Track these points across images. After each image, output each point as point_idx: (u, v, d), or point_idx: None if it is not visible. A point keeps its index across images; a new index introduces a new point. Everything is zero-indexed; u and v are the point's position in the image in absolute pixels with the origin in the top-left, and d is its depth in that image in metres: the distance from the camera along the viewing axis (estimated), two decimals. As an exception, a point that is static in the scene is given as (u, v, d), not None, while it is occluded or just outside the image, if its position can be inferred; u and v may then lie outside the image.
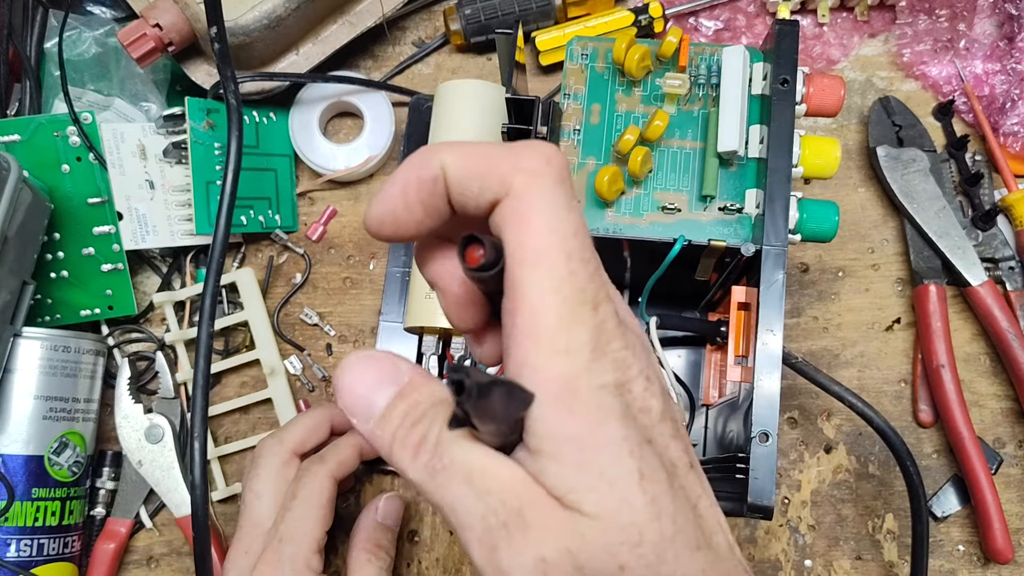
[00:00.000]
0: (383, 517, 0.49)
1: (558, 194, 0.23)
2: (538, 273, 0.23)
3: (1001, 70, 0.57)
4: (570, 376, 0.22)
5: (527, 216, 0.23)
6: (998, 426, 0.55)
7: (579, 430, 0.22)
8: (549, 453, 0.22)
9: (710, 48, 0.49)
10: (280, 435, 0.48)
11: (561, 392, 0.22)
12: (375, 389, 0.24)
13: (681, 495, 0.24)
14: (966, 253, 0.55)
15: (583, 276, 0.23)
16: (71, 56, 0.56)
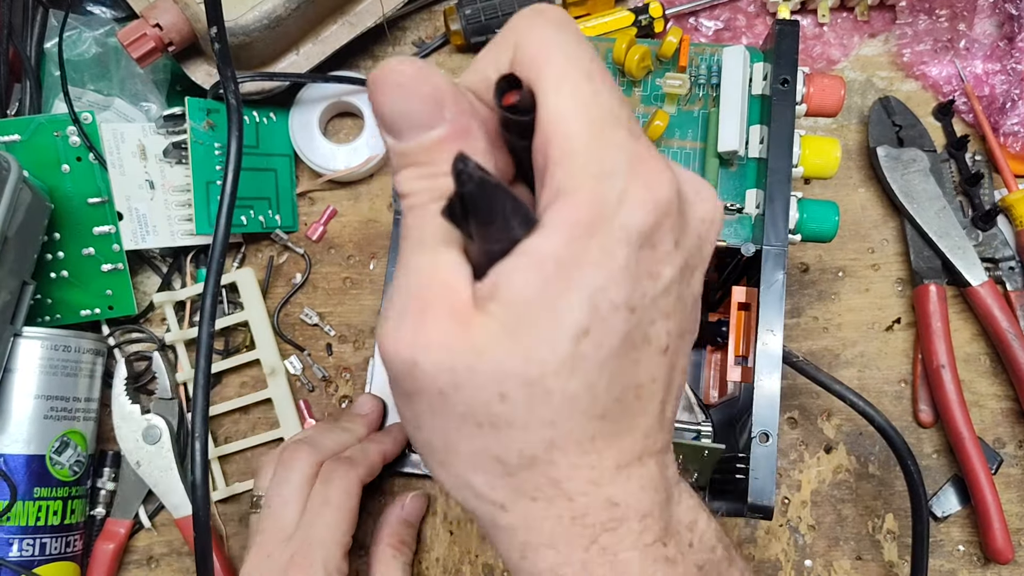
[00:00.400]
0: (408, 514, 0.51)
1: (562, 31, 0.23)
2: (562, 97, 0.22)
3: (1001, 70, 0.57)
4: (593, 204, 0.21)
5: (538, 52, 0.23)
6: (998, 426, 0.55)
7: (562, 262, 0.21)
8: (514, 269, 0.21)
9: (710, 48, 0.49)
10: (314, 443, 0.48)
11: (585, 222, 0.21)
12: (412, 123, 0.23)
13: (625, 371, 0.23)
14: (966, 253, 0.55)
15: (610, 97, 0.22)
16: (71, 56, 0.56)
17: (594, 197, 0.21)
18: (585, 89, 0.22)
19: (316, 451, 0.47)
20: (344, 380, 0.57)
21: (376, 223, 0.58)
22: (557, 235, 0.21)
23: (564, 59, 0.22)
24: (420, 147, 0.23)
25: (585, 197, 0.21)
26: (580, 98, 0.22)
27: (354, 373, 0.57)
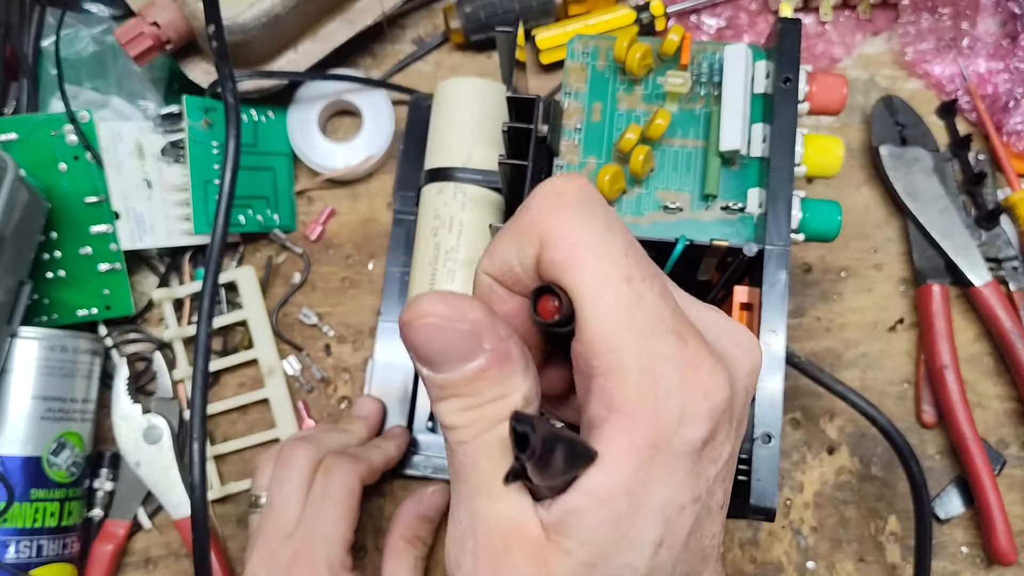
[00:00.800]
0: (426, 509, 0.50)
1: (587, 218, 0.22)
2: (603, 307, 0.21)
3: (1005, 69, 0.57)
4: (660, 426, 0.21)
5: (570, 256, 0.22)
6: (1002, 427, 0.55)
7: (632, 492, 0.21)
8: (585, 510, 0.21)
9: (712, 46, 0.48)
10: (313, 441, 0.47)
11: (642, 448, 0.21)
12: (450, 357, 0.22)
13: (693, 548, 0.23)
14: (969, 253, 0.54)
15: (652, 298, 0.22)
16: (68, 54, 0.56)
17: (653, 420, 0.21)
18: (626, 294, 0.21)
19: (316, 448, 0.47)
20: (343, 381, 0.56)
21: (375, 223, 0.58)
22: (622, 468, 0.21)
23: (598, 259, 0.21)
24: (461, 379, 0.22)
25: (643, 420, 0.21)
26: (622, 306, 0.21)
27: (353, 374, 0.56)
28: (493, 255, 0.24)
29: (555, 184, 0.23)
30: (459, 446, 0.22)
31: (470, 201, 0.49)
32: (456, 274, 0.49)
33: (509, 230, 0.23)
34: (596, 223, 0.22)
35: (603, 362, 0.21)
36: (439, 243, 0.49)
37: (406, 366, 0.54)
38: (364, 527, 0.54)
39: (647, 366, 0.21)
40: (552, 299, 0.22)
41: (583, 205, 0.22)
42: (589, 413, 0.22)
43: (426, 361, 0.22)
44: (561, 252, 0.22)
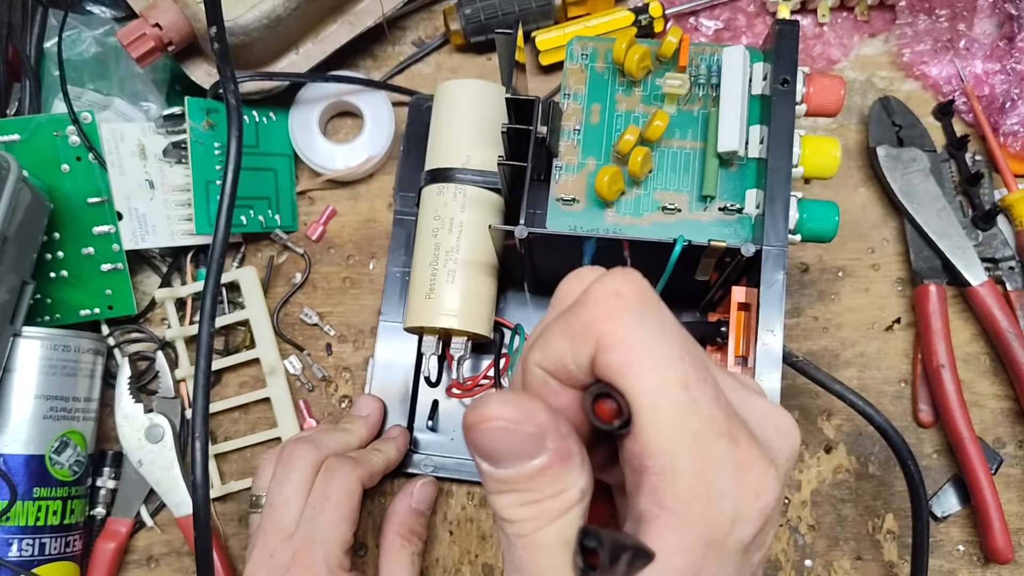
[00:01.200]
0: (417, 503, 0.50)
1: (644, 322, 0.22)
2: (660, 415, 0.21)
3: (1001, 70, 0.57)
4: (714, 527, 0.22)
5: (625, 361, 0.22)
6: (998, 426, 0.55)
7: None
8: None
9: (710, 48, 0.49)
10: (314, 441, 0.47)
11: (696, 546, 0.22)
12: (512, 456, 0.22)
13: None
14: (966, 253, 0.55)
15: (707, 402, 0.22)
16: (71, 56, 0.56)
17: (706, 521, 0.22)
18: (682, 400, 0.22)
19: (317, 449, 0.47)
20: (344, 380, 0.57)
21: (376, 223, 0.58)
22: (676, 567, 0.22)
23: (656, 365, 0.22)
24: (522, 476, 0.22)
25: (697, 521, 0.22)
26: (679, 413, 0.22)
27: (354, 373, 0.57)
28: (546, 350, 0.24)
29: (613, 284, 0.23)
30: (517, 539, 0.23)
31: (470, 202, 0.50)
32: (456, 275, 0.49)
33: (563, 328, 0.23)
34: (653, 326, 0.22)
35: (657, 464, 0.22)
36: (439, 243, 0.49)
37: (406, 366, 0.55)
38: (365, 526, 0.55)
39: (700, 470, 0.22)
40: (609, 401, 0.22)
41: (641, 307, 0.22)
42: (640, 506, 0.22)
43: (487, 458, 0.22)
44: (619, 357, 0.22)
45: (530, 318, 0.55)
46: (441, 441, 0.55)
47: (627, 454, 0.23)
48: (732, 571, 0.22)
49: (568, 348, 0.23)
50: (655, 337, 0.22)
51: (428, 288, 0.49)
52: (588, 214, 0.48)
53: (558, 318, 0.24)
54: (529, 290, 0.55)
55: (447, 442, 0.55)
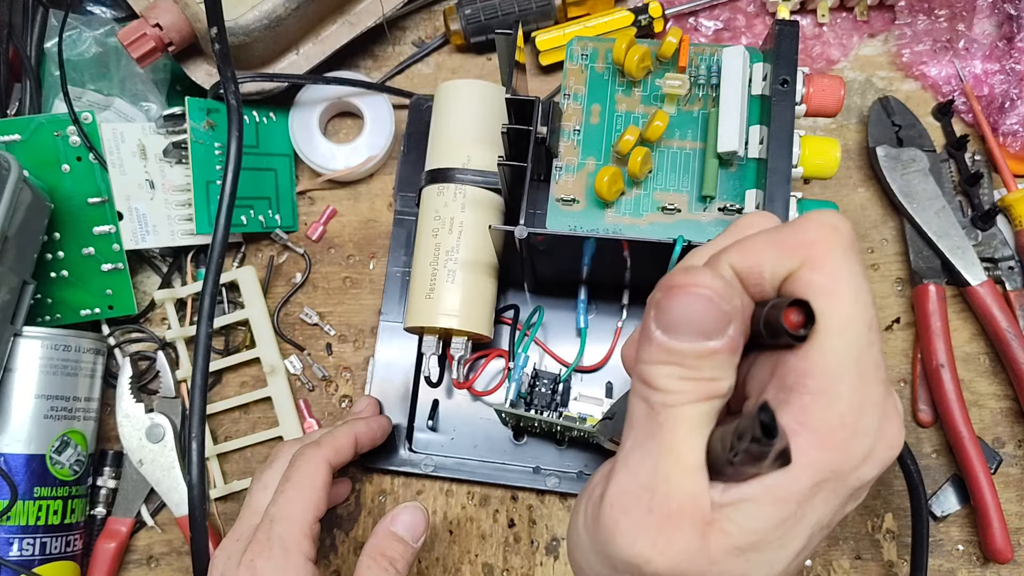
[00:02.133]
0: (398, 526, 0.46)
1: (854, 261, 0.24)
2: (843, 342, 0.23)
3: (1000, 70, 0.57)
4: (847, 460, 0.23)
5: (831, 285, 0.23)
6: (997, 426, 0.56)
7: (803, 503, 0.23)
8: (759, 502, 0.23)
9: (710, 48, 0.49)
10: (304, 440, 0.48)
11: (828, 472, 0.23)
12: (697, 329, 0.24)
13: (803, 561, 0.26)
14: (965, 253, 0.55)
15: (878, 349, 0.24)
16: (71, 56, 0.56)
17: (845, 451, 0.23)
18: (864, 337, 0.23)
19: (302, 443, 0.47)
20: (344, 380, 0.57)
21: (376, 223, 0.59)
22: (804, 480, 0.23)
23: (854, 298, 0.23)
24: (694, 351, 0.23)
25: (836, 448, 0.23)
26: (858, 346, 0.23)
27: (354, 373, 0.57)
28: (746, 253, 0.25)
29: (833, 219, 0.24)
30: (664, 408, 0.24)
31: (470, 202, 0.50)
32: (456, 275, 0.49)
33: (772, 240, 0.25)
34: (859, 266, 0.24)
35: (818, 384, 0.23)
36: (439, 243, 0.50)
37: (407, 365, 0.55)
38: (365, 525, 0.55)
39: (858, 404, 0.23)
40: (797, 313, 0.23)
41: (853, 248, 0.24)
42: (780, 421, 0.23)
43: (671, 326, 0.24)
44: (825, 279, 0.23)
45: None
46: (441, 441, 0.55)
47: (785, 369, 0.24)
48: (838, 505, 0.24)
49: (772, 257, 0.24)
50: (859, 275, 0.24)
51: (428, 288, 0.49)
52: (588, 214, 0.48)
53: (765, 233, 0.25)
54: (529, 290, 0.56)
55: (447, 442, 0.55)
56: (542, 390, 0.53)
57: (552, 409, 0.52)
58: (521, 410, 0.50)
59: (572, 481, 0.53)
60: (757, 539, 0.23)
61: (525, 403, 0.52)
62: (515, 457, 0.54)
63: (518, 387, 0.51)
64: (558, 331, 0.55)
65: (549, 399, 0.52)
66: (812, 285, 0.23)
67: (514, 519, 0.55)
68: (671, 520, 0.23)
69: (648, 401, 0.24)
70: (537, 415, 0.50)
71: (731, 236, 0.27)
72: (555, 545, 0.54)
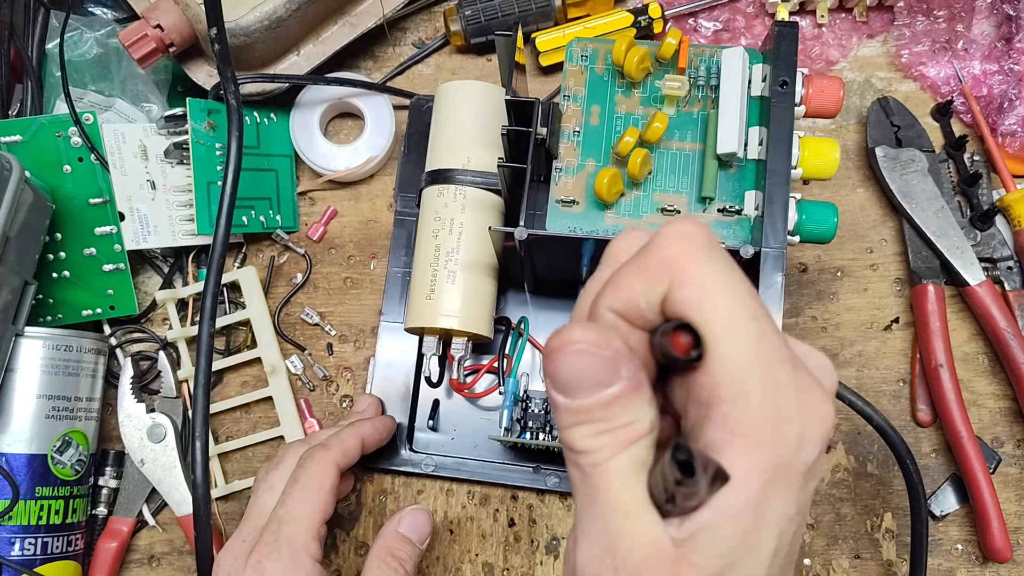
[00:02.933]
0: (404, 528, 0.48)
1: (715, 260, 0.24)
2: (731, 343, 0.23)
3: (999, 71, 0.57)
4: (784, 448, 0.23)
5: (698, 295, 0.23)
6: (996, 425, 0.56)
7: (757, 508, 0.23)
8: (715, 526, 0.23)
9: (709, 49, 0.49)
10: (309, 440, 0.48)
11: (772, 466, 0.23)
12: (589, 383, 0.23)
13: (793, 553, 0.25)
14: (964, 253, 0.55)
15: (772, 332, 0.24)
16: (72, 57, 0.56)
17: (776, 444, 0.23)
18: (752, 330, 0.23)
19: (307, 444, 0.47)
20: (345, 379, 0.57)
21: (376, 223, 0.59)
22: (749, 487, 0.23)
23: (728, 298, 0.23)
24: (597, 404, 0.23)
25: (767, 443, 0.23)
26: (750, 341, 0.23)
27: (355, 372, 0.57)
28: (618, 292, 0.25)
29: (681, 226, 0.24)
30: (592, 468, 0.24)
31: (470, 203, 0.50)
32: (456, 275, 0.49)
33: (636, 269, 0.25)
34: (722, 264, 0.24)
35: (729, 391, 0.23)
36: (440, 244, 0.50)
37: (407, 365, 0.55)
38: (365, 525, 0.55)
39: (770, 394, 0.23)
40: (684, 335, 0.23)
41: (710, 248, 0.24)
42: (708, 437, 0.23)
43: (566, 387, 0.24)
44: (693, 291, 0.23)
45: (530, 318, 0.55)
46: (442, 440, 0.55)
47: (696, 387, 0.24)
48: (795, 495, 0.24)
49: (641, 287, 0.24)
50: (725, 273, 0.24)
51: (429, 289, 0.49)
52: (588, 215, 0.48)
53: (629, 262, 0.25)
54: (529, 291, 0.56)
55: (448, 441, 0.55)
56: (535, 411, 0.53)
57: (547, 431, 0.52)
58: (515, 436, 0.51)
59: (572, 481, 0.53)
60: (728, 560, 0.23)
61: (520, 426, 0.52)
62: (515, 457, 0.54)
63: (511, 414, 0.51)
64: (558, 331, 0.55)
65: (543, 420, 0.53)
66: (684, 301, 0.23)
67: (514, 518, 0.55)
68: (640, 573, 0.23)
69: (578, 465, 0.24)
70: (532, 439, 0.50)
71: (606, 268, 0.27)
72: (555, 544, 0.54)
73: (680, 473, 0.21)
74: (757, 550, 0.23)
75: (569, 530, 0.29)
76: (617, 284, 0.25)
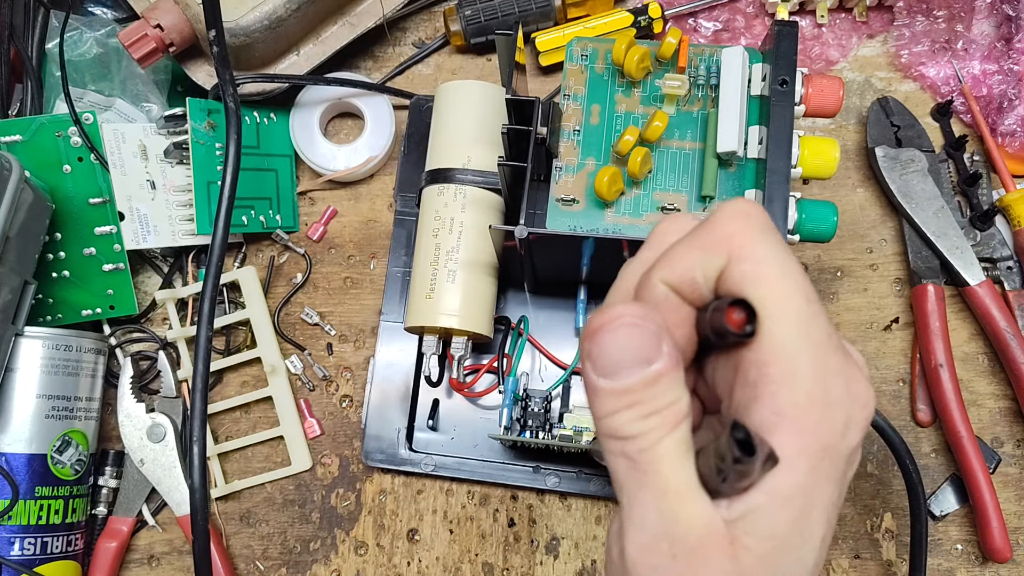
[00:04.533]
0: None
1: (772, 240, 0.24)
2: (785, 322, 0.23)
3: (999, 71, 0.57)
4: (830, 432, 0.23)
5: (757, 272, 0.23)
6: (996, 425, 0.56)
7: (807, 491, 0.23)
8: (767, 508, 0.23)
9: (709, 49, 0.49)
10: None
11: (817, 450, 0.23)
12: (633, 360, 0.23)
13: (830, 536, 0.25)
14: (964, 253, 0.55)
15: (824, 317, 0.24)
16: (72, 56, 0.56)
17: (824, 427, 0.23)
18: (806, 311, 0.23)
19: None
20: (344, 379, 0.57)
21: (376, 223, 0.59)
22: (799, 469, 0.23)
23: (784, 278, 0.23)
24: (641, 383, 0.23)
25: (814, 426, 0.23)
26: (803, 322, 0.23)
27: (354, 372, 0.57)
28: (673, 264, 0.25)
29: (742, 205, 0.25)
30: (641, 454, 0.23)
31: (470, 202, 0.50)
32: (456, 275, 0.49)
33: (694, 242, 0.25)
34: (779, 244, 0.24)
35: (779, 370, 0.23)
36: (440, 244, 0.50)
37: (407, 365, 0.55)
38: (365, 524, 0.55)
39: (821, 377, 0.23)
40: (737, 311, 0.23)
41: (768, 228, 0.24)
42: (755, 417, 0.23)
43: (610, 367, 0.23)
44: (752, 267, 0.23)
45: (530, 318, 0.55)
46: (442, 440, 0.55)
47: (745, 364, 0.24)
48: (839, 479, 0.24)
49: (699, 261, 0.24)
50: (782, 254, 0.24)
51: (428, 288, 0.49)
52: (588, 214, 0.48)
53: (686, 238, 0.25)
54: (529, 290, 0.56)
55: (448, 441, 0.55)
56: (534, 409, 0.53)
57: (547, 429, 0.52)
58: (516, 434, 0.51)
59: (572, 480, 0.53)
60: (779, 542, 0.23)
61: (520, 425, 0.52)
62: (515, 456, 0.54)
63: (510, 412, 0.51)
64: (557, 332, 0.55)
65: (543, 419, 0.52)
66: (743, 276, 0.23)
67: (514, 518, 0.55)
68: (697, 555, 0.23)
69: (624, 454, 0.24)
70: (532, 438, 0.50)
71: (653, 248, 0.27)
72: (555, 544, 0.54)
73: (740, 451, 0.21)
74: (807, 535, 0.23)
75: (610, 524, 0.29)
76: (673, 257, 0.25)
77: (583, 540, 0.54)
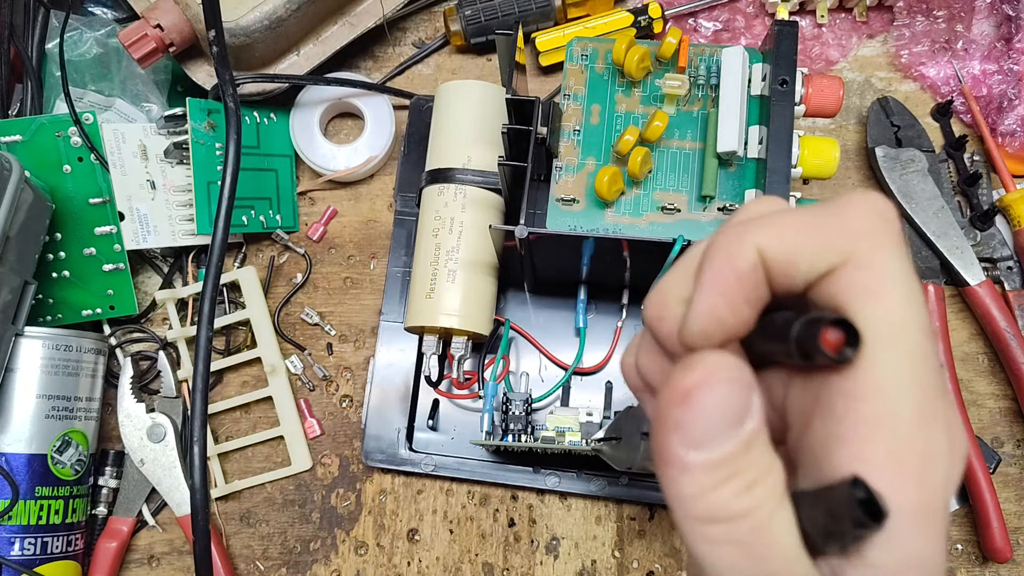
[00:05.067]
0: None
1: (902, 256, 0.20)
2: (896, 355, 0.19)
3: (999, 71, 0.57)
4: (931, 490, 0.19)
5: (879, 286, 0.19)
6: (996, 425, 0.56)
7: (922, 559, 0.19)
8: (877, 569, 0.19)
9: (709, 49, 0.49)
10: None
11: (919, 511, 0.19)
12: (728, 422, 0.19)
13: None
14: (964, 253, 0.55)
15: (935, 357, 0.20)
16: (72, 56, 0.56)
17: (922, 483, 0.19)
18: (921, 346, 0.19)
19: None
20: (344, 379, 0.57)
21: (376, 223, 0.59)
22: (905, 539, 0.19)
23: (908, 305, 0.19)
24: (740, 446, 0.19)
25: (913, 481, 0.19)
26: (917, 358, 0.19)
27: (354, 372, 0.57)
28: (782, 238, 0.20)
29: (879, 204, 0.20)
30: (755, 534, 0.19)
31: (470, 202, 0.50)
32: (456, 275, 0.49)
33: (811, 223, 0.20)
34: (909, 263, 0.20)
35: (876, 408, 0.19)
36: (440, 244, 0.50)
37: (407, 365, 0.55)
38: (365, 524, 0.55)
39: (922, 424, 0.19)
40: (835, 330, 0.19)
41: (902, 239, 0.20)
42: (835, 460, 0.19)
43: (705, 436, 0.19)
44: (874, 280, 0.20)
45: (530, 318, 0.55)
46: (442, 440, 0.55)
47: (831, 393, 0.20)
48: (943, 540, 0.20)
49: (810, 247, 0.20)
50: (910, 273, 0.20)
51: (428, 288, 0.49)
52: (588, 214, 0.48)
53: (802, 213, 0.20)
54: (529, 290, 0.56)
55: (447, 441, 0.55)
56: (515, 412, 0.52)
57: (529, 433, 0.52)
58: (498, 439, 0.50)
59: (572, 480, 0.53)
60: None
61: (502, 430, 0.52)
62: (515, 457, 0.54)
63: (491, 417, 0.51)
64: (557, 332, 0.55)
65: (524, 422, 0.52)
66: (860, 285, 0.19)
67: (514, 518, 0.55)
68: None
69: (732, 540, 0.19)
70: (514, 441, 0.50)
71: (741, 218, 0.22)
72: (555, 544, 0.54)
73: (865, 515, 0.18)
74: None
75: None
76: (783, 228, 0.20)
77: (583, 540, 0.54)
